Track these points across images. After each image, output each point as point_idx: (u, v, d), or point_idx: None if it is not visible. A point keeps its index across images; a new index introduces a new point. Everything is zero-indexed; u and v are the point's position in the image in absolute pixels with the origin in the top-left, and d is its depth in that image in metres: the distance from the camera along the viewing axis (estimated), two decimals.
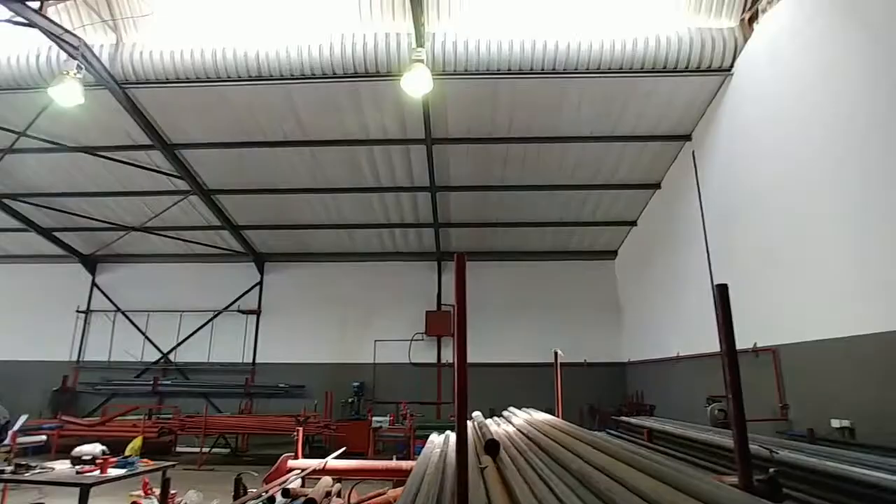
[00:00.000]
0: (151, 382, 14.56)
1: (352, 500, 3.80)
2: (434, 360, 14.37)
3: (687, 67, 8.51)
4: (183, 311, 15.19)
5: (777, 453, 3.74)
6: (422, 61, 8.18)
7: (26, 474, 5.41)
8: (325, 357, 14.55)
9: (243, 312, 15.09)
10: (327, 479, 5.00)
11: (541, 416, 4.62)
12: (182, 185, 12.06)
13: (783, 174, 7.09)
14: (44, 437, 10.49)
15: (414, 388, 13.93)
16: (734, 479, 2.41)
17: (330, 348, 14.65)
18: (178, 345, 15.07)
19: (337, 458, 5.73)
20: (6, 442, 6.66)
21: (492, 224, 13.57)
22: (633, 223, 13.25)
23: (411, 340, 14.44)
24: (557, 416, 4.89)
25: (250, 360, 14.84)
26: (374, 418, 11.95)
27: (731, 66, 8.45)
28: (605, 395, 13.43)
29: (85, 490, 5.05)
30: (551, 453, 3.03)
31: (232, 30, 9.05)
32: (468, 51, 8.64)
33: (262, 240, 14.76)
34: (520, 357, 13.76)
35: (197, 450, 11.76)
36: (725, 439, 4.59)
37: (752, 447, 2.59)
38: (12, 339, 15.22)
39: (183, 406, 13.76)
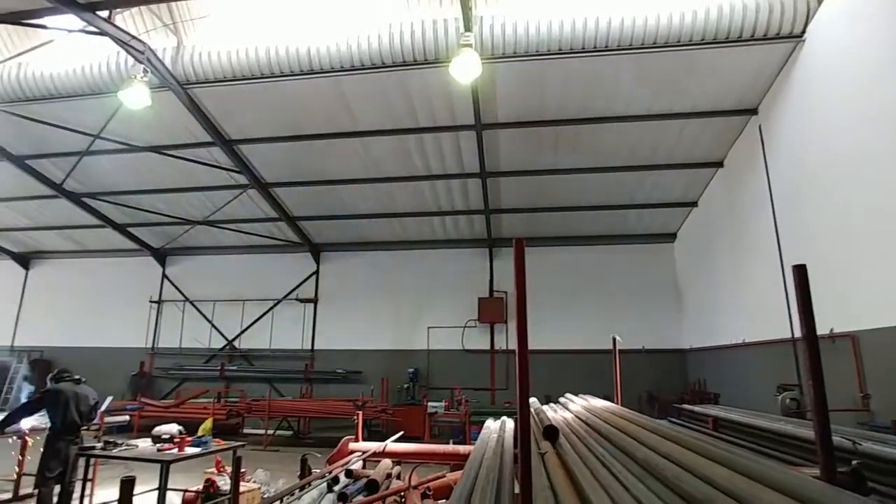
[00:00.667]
0: (219, 368, 15.40)
1: (412, 483, 3.88)
2: (487, 347, 14.39)
3: (753, 36, 7.96)
4: (245, 301, 15.91)
5: (860, 445, 3.51)
6: (470, 46, 8.07)
7: (114, 451, 5.88)
8: (380, 344, 14.87)
9: (301, 301, 15.62)
10: (387, 462, 5.13)
11: (599, 403, 4.53)
12: (241, 179, 12.57)
13: (861, 146, 6.54)
14: (127, 418, 11.33)
15: (467, 374, 14.03)
16: (814, 471, 2.28)
17: (385, 335, 14.96)
18: (242, 332, 15.82)
19: (395, 441, 5.87)
20: (95, 421, 7.23)
21: (544, 209, 13.34)
22: (694, 204, 12.66)
23: (464, 327, 14.50)
24: (616, 404, 4.78)
25: (309, 347, 15.38)
26: (430, 403, 12.14)
27: (803, 31, 7.82)
28: (664, 383, 13.04)
29: (166, 466, 5.45)
30: (613, 440, 2.97)
31: (284, 27, 9.27)
32: (517, 33, 8.46)
33: (317, 230, 15.18)
34: (575, 343, 13.56)
35: (262, 431, 12.37)
36: (800, 429, 4.34)
37: (834, 438, 2.43)
38: (94, 327, 16.53)
39: (248, 390, 14.49)
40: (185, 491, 6.49)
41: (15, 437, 7.24)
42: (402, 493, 3.81)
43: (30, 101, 10.54)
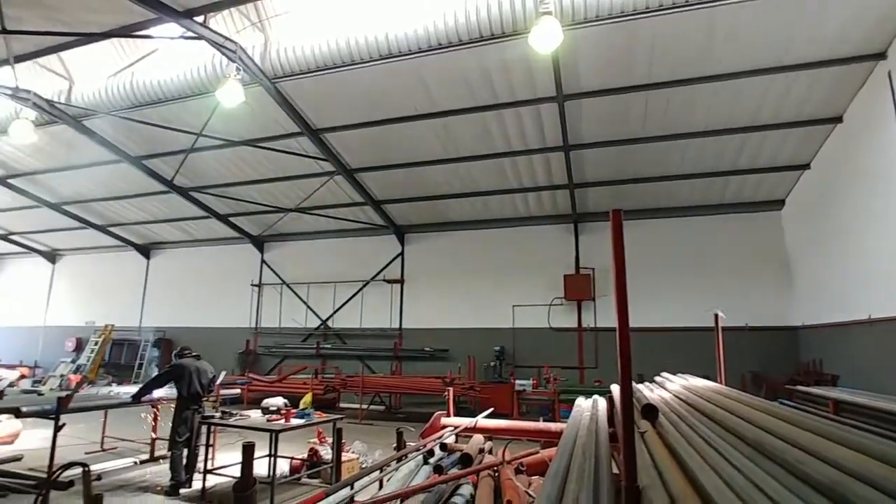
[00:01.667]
0: (315, 346, 16.40)
1: (506, 458, 3.90)
2: (574, 325, 14.08)
3: None
4: (336, 283, 16.73)
5: None
6: (550, 13, 7.74)
7: (230, 420, 6.47)
8: (465, 322, 15.03)
9: (388, 282, 16.14)
10: (479, 437, 5.20)
11: (700, 383, 4.27)
12: (328, 166, 13.11)
13: None
14: (238, 391, 12.41)
15: (554, 352, 13.83)
16: None
17: (470, 314, 15.08)
18: (334, 312, 16.69)
19: (486, 417, 5.94)
20: (213, 393, 7.99)
21: (633, 180, 12.65)
22: (806, 166, 11.39)
23: (550, 305, 14.26)
24: (719, 383, 4.48)
25: (397, 326, 15.91)
26: (517, 381, 12.15)
27: None
28: (771, 363, 12.07)
29: (275, 435, 5.92)
30: (717, 420, 2.78)
31: (361, 15, 9.46)
32: None
33: (400, 213, 15.53)
34: (669, 321, 12.88)
35: (356, 406, 13.04)
36: None
37: None
38: (205, 309, 18.30)
39: (342, 367, 15.31)
40: (292, 458, 7.02)
41: (150, 406, 8.18)
42: (496, 468, 3.84)
43: (141, 106, 11.63)
